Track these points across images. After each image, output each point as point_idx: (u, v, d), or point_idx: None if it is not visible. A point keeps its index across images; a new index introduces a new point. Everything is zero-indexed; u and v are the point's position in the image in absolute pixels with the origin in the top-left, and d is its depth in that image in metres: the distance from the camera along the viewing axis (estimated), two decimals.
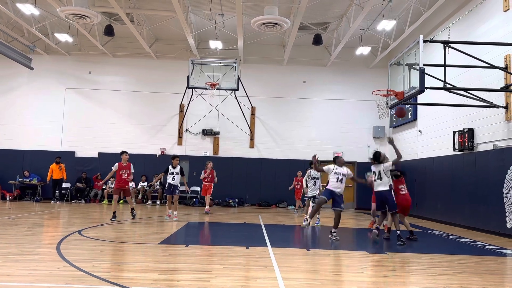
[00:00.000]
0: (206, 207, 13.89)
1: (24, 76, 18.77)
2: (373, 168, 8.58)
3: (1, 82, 18.93)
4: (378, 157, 8.52)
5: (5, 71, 18.75)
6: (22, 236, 7.88)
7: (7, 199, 17.32)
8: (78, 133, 18.67)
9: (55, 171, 16.93)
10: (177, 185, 11.14)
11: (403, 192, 8.96)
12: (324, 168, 8.57)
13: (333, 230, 8.37)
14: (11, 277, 4.81)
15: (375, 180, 8.44)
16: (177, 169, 11.13)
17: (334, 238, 8.29)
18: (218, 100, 18.44)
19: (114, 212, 10.65)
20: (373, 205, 10.16)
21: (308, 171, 11.38)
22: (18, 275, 4.90)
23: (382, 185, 8.29)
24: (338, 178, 8.34)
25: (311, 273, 5.61)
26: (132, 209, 11.30)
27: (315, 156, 9.30)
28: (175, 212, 11.12)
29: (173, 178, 11.07)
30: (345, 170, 8.47)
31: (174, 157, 11.43)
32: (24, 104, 18.76)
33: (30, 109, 18.71)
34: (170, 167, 11.17)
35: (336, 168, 8.42)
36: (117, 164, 10.95)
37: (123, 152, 11.13)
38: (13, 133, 18.53)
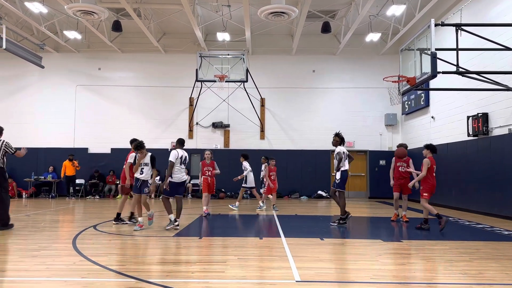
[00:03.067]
0: (205, 208, 10.83)
1: (35, 75, 18.96)
2: (344, 149, 9.21)
3: (13, 81, 19.16)
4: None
5: (17, 70, 18.96)
6: (39, 232, 7.99)
7: (23, 196, 17.60)
8: (90, 130, 18.84)
9: (68, 168, 17.17)
10: (147, 180, 8.34)
11: None
12: None
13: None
14: (28, 272, 4.88)
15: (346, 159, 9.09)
16: (147, 159, 8.34)
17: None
18: (227, 92, 18.40)
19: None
20: (395, 194, 9.69)
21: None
22: (36, 270, 4.97)
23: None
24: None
25: (325, 262, 5.58)
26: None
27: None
28: (140, 219, 8.24)
29: (141, 171, 8.30)
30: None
31: (137, 145, 8.33)
32: (36, 102, 18.97)
33: (42, 107, 18.92)
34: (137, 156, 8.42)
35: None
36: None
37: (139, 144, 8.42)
38: (26, 131, 18.74)
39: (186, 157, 8.54)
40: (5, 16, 16.06)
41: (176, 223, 8.23)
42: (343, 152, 9.11)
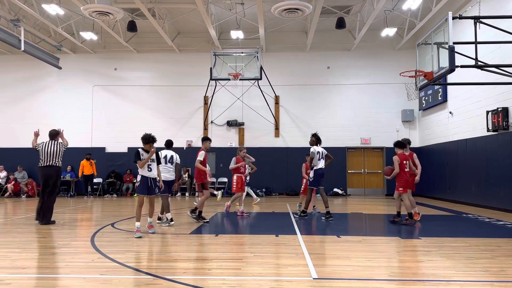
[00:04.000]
0: (241, 208, 10.59)
1: (52, 76, 19.30)
2: (320, 148, 9.63)
3: (31, 82, 19.53)
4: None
5: (35, 72, 19.32)
6: (58, 230, 8.13)
7: None
8: (107, 129, 19.10)
9: (86, 167, 17.41)
10: (156, 178, 7.44)
11: None
12: None
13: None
14: (48, 269, 4.96)
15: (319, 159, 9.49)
16: (154, 155, 7.45)
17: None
18: (241, 90, 18.41)
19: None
20: (409, 192, 9.36)
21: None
22: (55, 267, 5.05)
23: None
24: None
25: (342, 259, 5.53)
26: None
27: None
28: (149, 219, 7.56)
29: (149, 168, 7.31)
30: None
31: (147, 139, 7.34)
32: (54, 102, 19.31)
33: (60, 108, 19.24)
34: (141, 151, 7.31)
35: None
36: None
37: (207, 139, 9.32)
38: (44, 132, 18.98)
39: (172, 156, 8.87)
40: (23, 18, 16.36)
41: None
42: (317, 152, 9.52)
